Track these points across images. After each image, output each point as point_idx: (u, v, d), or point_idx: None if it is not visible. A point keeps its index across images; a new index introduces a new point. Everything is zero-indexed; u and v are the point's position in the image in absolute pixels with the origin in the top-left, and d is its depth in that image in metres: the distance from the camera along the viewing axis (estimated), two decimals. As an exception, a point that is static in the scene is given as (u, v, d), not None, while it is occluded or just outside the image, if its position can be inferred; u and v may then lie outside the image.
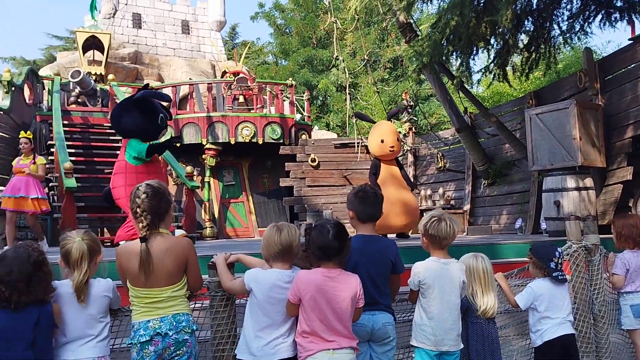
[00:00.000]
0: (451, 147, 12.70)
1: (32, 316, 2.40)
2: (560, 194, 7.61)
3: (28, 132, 7.94)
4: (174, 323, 2.59)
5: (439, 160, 12.33)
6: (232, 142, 12.92)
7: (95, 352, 2.57)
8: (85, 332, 2.57)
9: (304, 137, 13.97)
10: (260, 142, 13.18)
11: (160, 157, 6.63)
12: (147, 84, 7.35)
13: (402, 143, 7.92)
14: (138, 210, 2.61)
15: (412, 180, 8.68)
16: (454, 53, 9.49)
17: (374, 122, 8.18)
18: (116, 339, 2.77)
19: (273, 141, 13.33)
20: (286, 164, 13.34)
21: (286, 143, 13.56)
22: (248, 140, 13.04)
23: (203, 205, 12.98)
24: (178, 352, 2.60)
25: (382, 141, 7.52)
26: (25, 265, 2.41)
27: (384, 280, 2.89)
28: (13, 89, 11.76)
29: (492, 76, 10.08)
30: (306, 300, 2.52)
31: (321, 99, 24.33)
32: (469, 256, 3.21)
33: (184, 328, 2.61)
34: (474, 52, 9.44)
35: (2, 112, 11.35)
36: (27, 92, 12.81)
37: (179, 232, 6.29)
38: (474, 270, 3.15)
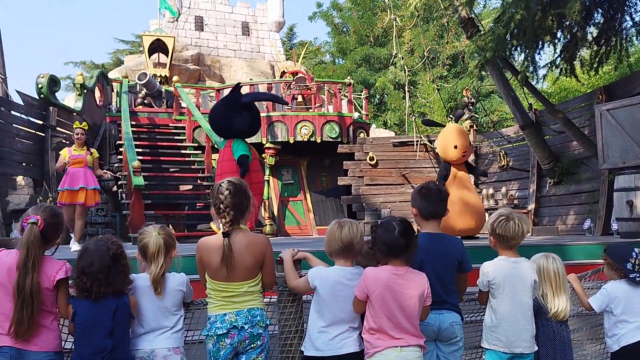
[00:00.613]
0: (514, 144, 12.33)
1: (110, 306, 2.52)
2: (634, 193, 7.25)
3: (84, 123, 7.84)
4: (249, 317, 2.65)
5: (502, 158, 12.02)
6: (291, 141, 13.06)
7: (170, 343, 2.66)
8: (160, 324, 2.67)
9: (362, 135, 13.94)
10: (319, 140, 13.26)
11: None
12: (239, 84, 7.42)
13: (471, 145, 7.83)
14: (221, 206, 2.67)
15: (480, 169, 8.52)
16: (518, 48, 9.23)
17: (442, 126, 8.09)
18: (188, 331, 2.85)
19: (331, 140, 13.37)
20: (344, 162, 13.35)
21: (344, 142, 13.57)
22: (306, 139, 13.14)
23: (263, 203, 13.20)
24: (252, 346, 2.66)
25: (456, 147, 7.44)
26: (105, 257, 2.53)
27: (450, 278, 2.86)
28: (85, 91, 12.36)
29: (558, 71, 9.74)
30: (374, 298, 2.52)
31: (378, 97, 24.20)
32: (540, 256, 3.11)
33: (259, 322, 2.67)
34: (540, 46, 9.15)
35: (75, 114, 11.96)
36: (97, 94, 13.43)
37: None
38: (545, 271, 3.06)
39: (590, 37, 9.63)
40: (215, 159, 12.64)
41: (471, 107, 13.56)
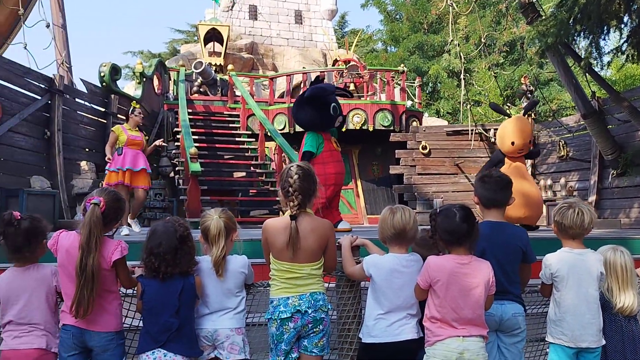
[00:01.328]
0: (575, 134, 11.88)
1: (177, 286, 2.61)
2: None
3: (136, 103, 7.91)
4: (312, 301, 2.69)
5: (561, 148, 11.62)
6: (343, 129, 13.01)
7: (232, 323, 2.74)
8: (223, 305, 2.74)
9: (414, 124, 13.77)
10: (371, 129, 13.18)
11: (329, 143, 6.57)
12: (318, 77, 7.51)
13: (531, 142, 7.56)
14: (290, 189, 2.71)
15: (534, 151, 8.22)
16: (582, 33, 8.84)
17: (509, 116, 7.87)
18: (249, 313, 2.92)
19: (383, 128, 13.27)
20: (396, 151, 13.24)
21: (397, 130, 13.44)
22: (358, 127, 13.09)
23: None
24: (315, 330, 2.70)
25: (513, 143, 7.27)
26: (172, 239, 2.61)
27: (513, 268, 2.80)
28: (144, 79, 12.73)
29: (624, 57, 9.27)
30: (437, 287, 2.50)
31: (431, 85, 23.79)
32: (607, 248, 3.00)
33: (321, 307, 2.70)
34: (605, 31, 8.73)
35: (135, 101, 12.35)
36: (156, 82, 13.81)
37: (343, 225, 6.41)
38: (612, 264, 2.94)
39: (661, 21, 9.12)
40: (268, 147, 12.85)
41: (530, 95, 13.14)
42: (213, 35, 17.05)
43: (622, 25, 8.78)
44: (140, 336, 2.64)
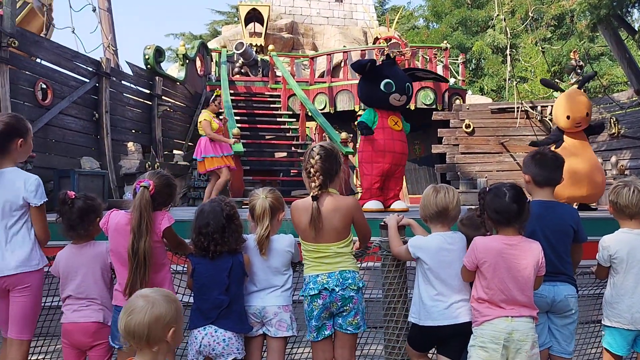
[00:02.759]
0: (627, 110, 11.41)
1: (226, 264, 2.66)
2: None
3: (219, 91, 8.64)
4: (340, 280, 2.70)
5: (613, 125, 11.18)
6: (411, 107, 12.81)
7: (280, 301, 2.78)
8: (270, 283, 2.79)
9: (457, 102, 13.51)
10: (413, 107, 12.99)
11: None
12: (388, 55, 7.44)
13: (589, 115, 7.16)
14: (312, 170, 2.72)
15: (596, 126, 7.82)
16: (637, 4, 8.46)
17: (562, 91, 7.54)
18: (296, 290, 2.95)
19: (426, 107, 13.07)
20: (439, 130, 13.03)
21: (439, 108, 13.22)
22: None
23: (355, 170, 13.23)
24: (345, 308, 2.71)
25: (568, 117, 6.94)
26: (220, 218, 2.65)
27: (565, 248, 2.73)
28: (187, 61, 12.90)
29: (683, 29, 8.81)
30: (485, 268, 2.45)
31: (475, 62, 23.23)
32: None
33: (350, 285, 2.70)
34: (663, 1, 8.33)
35: (178, 83, 12.55)
36: (198, 64, 13.97)
37: (399, 205, 6.42)
38: None
39: None
40: (309, 127, 12.86)
41: (579, 71, 12.67)
42: (253, 16, 17.09)
43: (681, -5, 8.35)
44: (192, 312, 2.71)
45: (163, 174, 2.78)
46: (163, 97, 11.70)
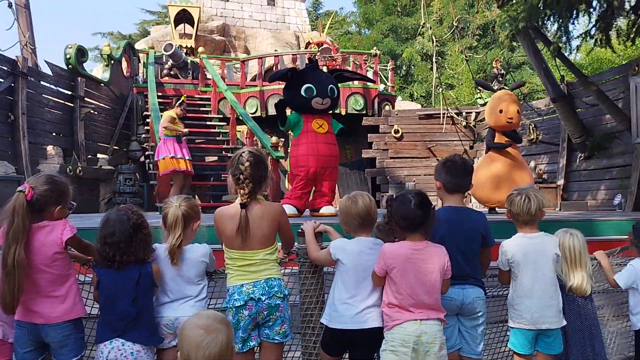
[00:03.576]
0: (545, 117, 12.03)
1: (133, 275, 2.55)
2: (668, 168, 7.03)
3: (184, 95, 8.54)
4: (267, 288, 2.66)
5: (531, 131, 11.76)
6: (337, 111, 12.87)
7: (193, 311, 2.65)
8: (183, 293, 2.71)
9: (387, 107, 13.79)
10: (343, 112, 13.14)
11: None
12: (311, 59, 7.43)
13: (522, 115, 7.44)
14: (241, 176, 2.66)
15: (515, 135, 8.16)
16: (552, 17, 8.91)
17: (494, 91, 7.80)
18: (211, 299, 2.89)
19: (356, 112, 13.25)
20: (369, 135, 13.25)
21: (369, 114, 13.43)
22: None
23: (287, 175, 13.23)
24: (271, 317, 2.67)
25: (501, 111, 7.14)
26: (126, 227, 2.54)
27: (474, 253, 2.82)
28: (112, 62, 12.45)
29: (593, 42, 9.37)
30: (394, 274, 2.50)
31: (405, 68, 23.83)
32: (561, 231, 3.06)
33: (276, 293, 2.67)
34: (574, 15, 8.81)
35: (103, 84, 12.08)
36: (124, 65, 13.52)
37: (328, 210, 6.37)
38: (562, 246, 3.00)
39: (628, 6, 9.23)
40: (239, 131, 12.73)
41: (501, 79, 13.25)
42: (184, 17, 16.74)
43: (591, 10, 8.86)
44: (98, 325, 2.59)
45: (48, 177, 2.60)
46: (86, 99, 11.24)
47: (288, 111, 6.59)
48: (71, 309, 2.55)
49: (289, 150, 13.16)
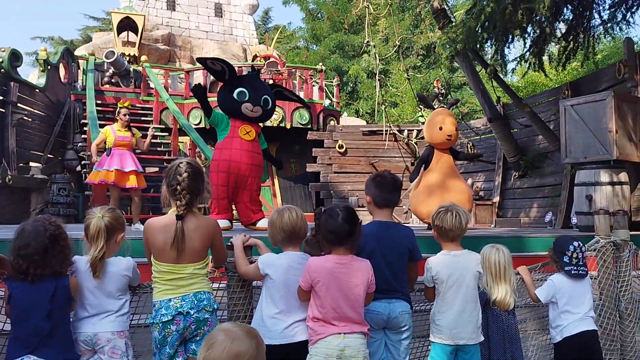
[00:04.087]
0: (482, 137, 12.48)
1: (48, 288, 2.42)
2: (593, 188, 7.40)
3: (127, 102, 7.87)
4: (195, 302, 2.60)
5: (469, 150, 12.14)
6: (261, 125, 12.90)
7: (114, 327, 2.60)
8: (104, 307, 2.60)
9: (332, 123, 13.92)
10: (288, 126, 13.18)
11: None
12: (252, 67, 7.14)
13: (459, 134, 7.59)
14: (178, 187, 2.61)
15: (472, 156, 8.31)
16: (489, 40, 9.28)
17: (434, 108, 7.96)
18: (134, 314, 2.79)
19: (301, 126, 13.31)
20: (313, 149, 13.32)
21: (314, 128, 13.52)
22: (276, 125, 13.03)
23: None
24: (199, 332, 2.62)
25: (441, 128, 7.25)
26: (42, 238, 2.42)
27: (401, 267, 2.86)
28: (49, 67, 12.00)
29: (527, 65, 9.81)
30: (318, 288, 2.49)
31: (351, 85, 24.16)
32: (487, 247, 3.15)
33: (205, 307, 2.62)
34: (510, 40, 9.20)
35: (38, 90, 11.61)
36: (62, 71, 13.06)
37: (263, 224, 6.19)
38: (487, 260, 3.07)
39: (559, 33, 9.74)
40: (182, 142, 12.50)
41: (442, 98, 13.60)
42: (127, 25, 16.41)
43: (525, 35, 9.29)
44: (9, 342, 2.44)
45: None
46: (19, 105, 10.75)
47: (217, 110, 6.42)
48: None
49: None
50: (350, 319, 2.49)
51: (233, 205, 6.44)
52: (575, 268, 3.20)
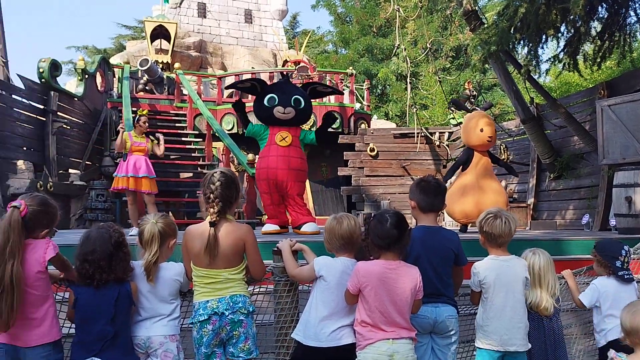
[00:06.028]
0: (515, 138, 12.32)
1: (112, 293, 2.53)
2: (633, 189, 7.25)
3: (146, 110, 8.02)
4: (231, 303, 2.68)
5: (502, 152, 11.99)
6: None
7: (166, 330, 2.69)
8: (157, 311, 2.70)
9: (363, 126, 13.94)
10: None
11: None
12: (282, 73, 7.19)
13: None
14: (211, 196, 2.71)
15: (512, 167, 8.32)
16: (522, 41, 9.17)
17: (469, 111, 7.90)
18: (185, 319, 2.88)
19: (332, 130, 13.35)
20: (345, 153, 13.35)
21: (345, 132, 13.56)
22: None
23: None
24: (234, 333, 2.69)
25: (482, 130, 7.23)
26: (107, 245, 2.53)
27: (447, 271, 2.88)
28: (86, 76, 12.34)
29: (561, 65, 9.67)
30: (367, 292, 2.53)
31: (380, 88, 24.15)
32: (527, 251, 3.14)
33: (240, 309, 2.69)
34: (543, 40, 9.08)
35: (76, 99, 11.95)
36: (99, 79, 13.41)
37: (310, 228, 6.24)
38: (528, 264, 3.07)
39: (594, 32, 9.57)
40: (216, 147, 12.71)
41: (473, 100, 13.54)
42: (160, 33, 16.75)
43: (559, 35, 9.16)
44: (72, 346, 2.54)
45: (39, 196, 2.60)
46: (59, 113, 11.08)
47: (254, 120, 6.54)
48: (48, 332, 2.51)
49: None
50: (398, 324, 2.52)
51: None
52: (627, 273, 3.18)
